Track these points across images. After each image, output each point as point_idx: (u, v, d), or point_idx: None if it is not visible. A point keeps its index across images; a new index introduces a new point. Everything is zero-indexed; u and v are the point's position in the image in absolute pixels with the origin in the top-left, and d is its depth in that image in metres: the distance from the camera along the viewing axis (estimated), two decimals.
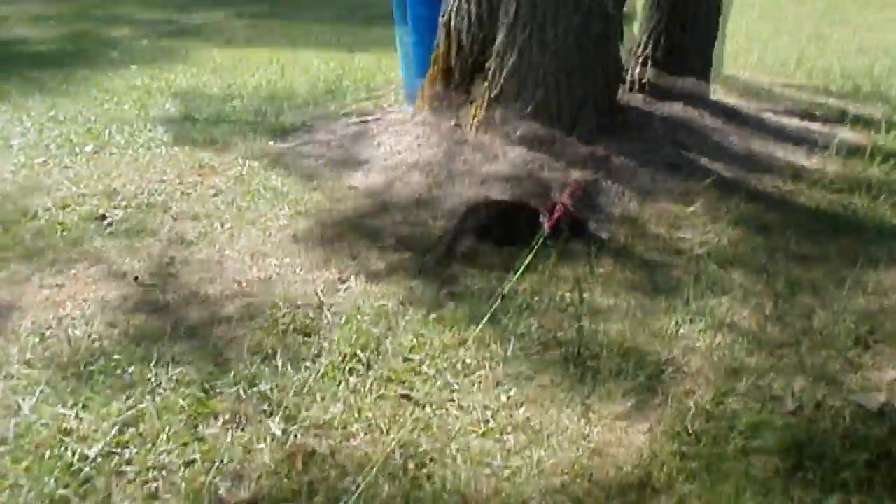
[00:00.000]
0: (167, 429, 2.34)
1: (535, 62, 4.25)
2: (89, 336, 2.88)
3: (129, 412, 2.42)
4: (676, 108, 5.17)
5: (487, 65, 4.44)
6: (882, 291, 3.16)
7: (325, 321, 2.95)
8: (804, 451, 2.23)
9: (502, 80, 4.35)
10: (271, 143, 5.22)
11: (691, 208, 3.90)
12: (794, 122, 5.44)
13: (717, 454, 2.22)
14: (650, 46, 5.40)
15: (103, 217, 3.95)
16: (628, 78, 5.35)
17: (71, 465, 2.19)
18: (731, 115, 5.25)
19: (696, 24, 5.30)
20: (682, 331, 2.87)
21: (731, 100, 5.43)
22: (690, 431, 2.32)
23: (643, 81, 5.35)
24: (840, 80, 6.02)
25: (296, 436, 2.31)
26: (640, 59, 5.41)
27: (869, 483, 2.11)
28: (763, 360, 2.69)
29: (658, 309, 3.01)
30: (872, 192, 4.12)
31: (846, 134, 5.24)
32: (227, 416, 2.41)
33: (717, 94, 5.14)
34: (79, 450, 2.24)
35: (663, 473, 2.15)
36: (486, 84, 4.45)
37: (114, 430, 2.34)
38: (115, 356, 2.73)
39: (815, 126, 5.41)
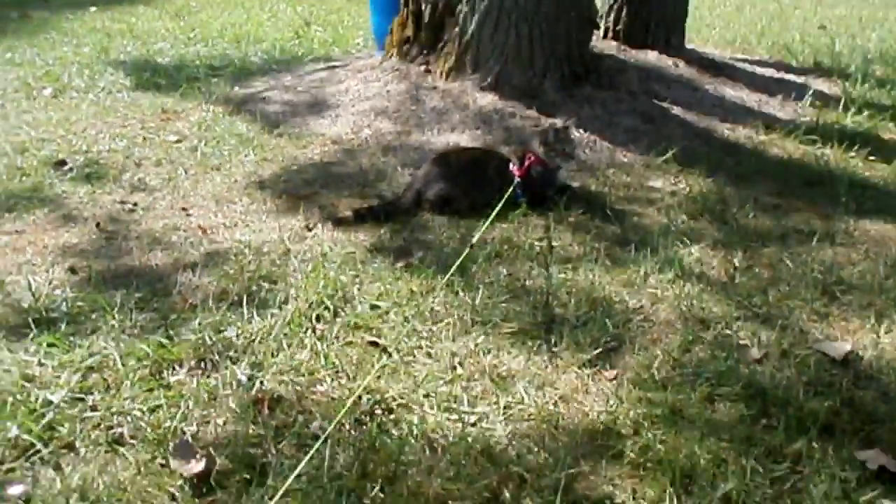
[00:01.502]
0: (131, 375, 2.30)
1: (507, 6, 4.18)
2: (50, 283, 2.82)
3: (93, 358, 2.37)
4: (651, 57, 5.13)
5: (458, 9, 4.36)
6: (850, 243, 3.17)
7: (292, 268, 2.91)
8: (769, 398, 2.24)
9: (473, 24, 4.28)
10: (236, 88, 5.13)
11: (662, 158, 3.88)
12: (768, 73, 5.43)
13: (682, 401, 2.22)
14: (611, 18, 5.33)
15: (63, 162, 3.87)
16: (602, 24, 5.29)
17: (34, 410, 2.14)
18: (705, 64, 5.22)
19: None
20: (650, 280, 2.86)
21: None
22: (657, 379, 2.32)
23: (617, 28, 5.29)
24: (801, 55, 6.02)
25: (262, 382, 2.28)
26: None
27: (831, 429, 2.13)
28: (730, 310, 2.69)
29: (627, 258, 3.00)
30: (844, 144, 4.13)
31: (820, 85, 5.24)
32: (192, 363, 2.37)
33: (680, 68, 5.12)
34: (42, 395, 2.19)
35: (629, 420, 2.15)
36: (457, 29, 4.37)
37: (77, 377, 2.29)
38: (78, 303, 2.68)
39: (790, 77, 5.40)
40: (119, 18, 7.36)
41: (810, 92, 4.95)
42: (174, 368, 2.35)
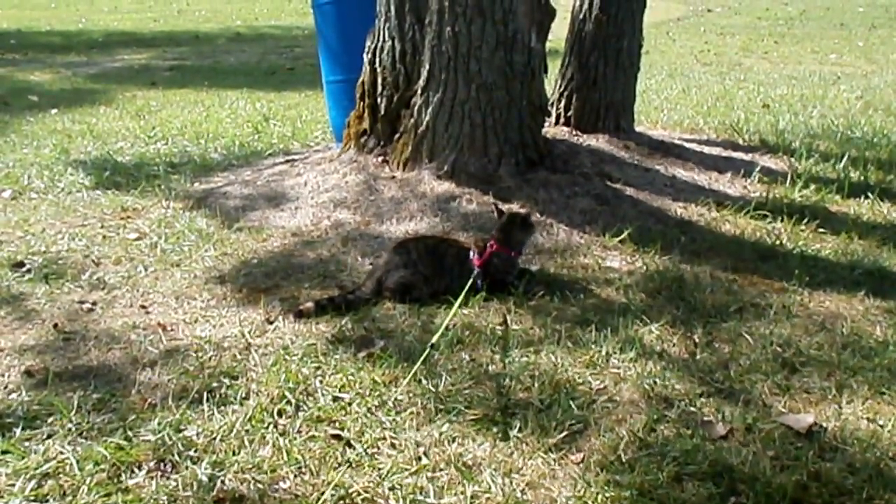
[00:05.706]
0: (88, 480, 2.25)
1: (461, 97, 4.27)
2: (5, 387, 2.77)
3: (48, 464, 2.31)
4: (602, 141, 5.25)
5: (413, 100, 4.45)
6: (806, 315, 3.22)
7: (253, 363, 2.89)
8: (736, 475, 2.24)
9: (428, 115, 4.37)
10: (196, 184, 5.16)
11: (618, 238, 3.94)
12: (716, 152, 5.57)
13: (650, 481, 2.22)
14: (562, 105, 5.48)
15: (21, 264, 3.83)
16: (553, 111, 5.42)
17: None
18: (655, 146, 5.35)
19: (606, 82, 5.35)
20: (612, 360, 2.88)
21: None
22: (623, 460, 2.32)
23: (568, 115, 5.42)
24: (747, 133, 6.23)
25: (223, 481, 2.24)
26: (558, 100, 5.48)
27: None
28: (693, 386, 2.71)
29: (588, 339, 3.02)
30: (794, 218, 4.23)
31: (766, 162, 5.38)
32: (151, 464, 2.33)
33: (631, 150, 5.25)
34: None
35: (597, 503, 2.14)
36: (413, 120, 4.46)
37: (32, 484, 2.23)
38: (34, 406, 2.62)
39: (737, 155, 5.54)
40: (80, 119, 7.40)
41: (758, 169, 5.08)
42: (133, 471, 2.30)
